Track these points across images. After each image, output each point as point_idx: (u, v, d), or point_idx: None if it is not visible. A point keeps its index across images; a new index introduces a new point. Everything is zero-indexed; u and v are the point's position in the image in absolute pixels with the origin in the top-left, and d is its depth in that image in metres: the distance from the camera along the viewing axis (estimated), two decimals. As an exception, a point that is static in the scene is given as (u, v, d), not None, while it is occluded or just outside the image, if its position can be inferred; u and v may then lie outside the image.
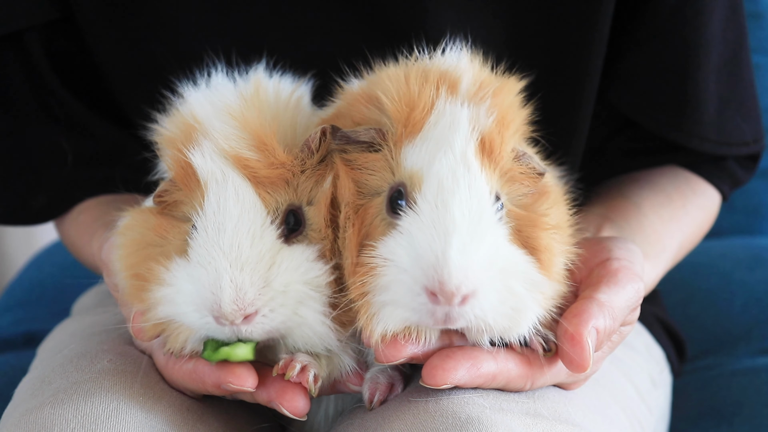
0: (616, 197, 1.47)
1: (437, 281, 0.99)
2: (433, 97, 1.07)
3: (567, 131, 1.42)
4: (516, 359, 1.07)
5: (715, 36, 1.41)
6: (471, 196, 1.02)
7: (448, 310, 1.00)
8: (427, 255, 1.00)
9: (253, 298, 1.04)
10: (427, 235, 1.00)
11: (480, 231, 1.01)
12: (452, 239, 0.99)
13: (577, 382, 1.15)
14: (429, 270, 0.99)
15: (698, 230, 1.51)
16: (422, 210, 1.02)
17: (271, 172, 1.08)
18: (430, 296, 1.00)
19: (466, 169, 1.03)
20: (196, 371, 1.09)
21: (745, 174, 1.54)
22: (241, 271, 1.04)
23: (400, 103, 1.07)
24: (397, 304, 1.02)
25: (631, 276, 1.12)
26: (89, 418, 1.08)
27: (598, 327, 1.06)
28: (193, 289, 1.05)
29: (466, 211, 1.01)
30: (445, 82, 1.08)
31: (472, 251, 1.00)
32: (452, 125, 1.05)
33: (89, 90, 1.48)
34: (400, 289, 1.01)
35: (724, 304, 1.92)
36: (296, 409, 1.06)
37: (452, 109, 1.06)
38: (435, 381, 1.03)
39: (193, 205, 1.08)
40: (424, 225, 1.01)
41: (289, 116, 1.14)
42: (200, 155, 1.08)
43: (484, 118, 1.06)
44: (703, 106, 1.42)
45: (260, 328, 1.05)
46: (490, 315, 1.02)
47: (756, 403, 1.66)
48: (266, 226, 1.07)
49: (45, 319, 1.89)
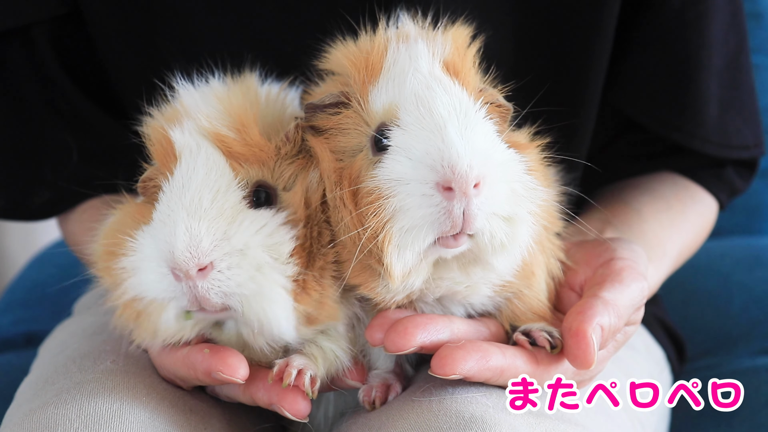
0: (616, 203, 1.47)
1: (447, 166, 0.98)
2: (385, 41, 1.08)
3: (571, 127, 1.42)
4: (524, 356, 1.08)
5: (717, 39, 1.42)
6: (452, 97, 1.02)
7: (466, 205, 0.98)
8: (431, 150, 0.99)
9: (208, 248, 1.03)
10: (422, 137, 1.00)
11: (471, 123, 1.01)
12: (449, 128, 0.99)
13: (582, 381, 1.15)
14: (436, 162, 0.99)
15: (696, 237, 1.52)
16: (408, 124, 1.02)
17: (245, 149, 1.08)
18: (444, 192, 0.99)
19: (437, 81, 1.04)
20: (188, 357, 1.09)
21: (743, 183, 1.55)
22: (199, 221, 1.03)
23: (355, 53, 1.08)
24: (413, 219, 1.00)
25: (636, 275, 1.12)
26: (92, 419, 1.08)
27: (602, 324, 1.06)
28: (152, 243, 1.05)
29: (451, 108, 1.01)
30: (394, 34, 1.10)
31: (470, 136, 1.00)
32: (412, 56, 1.06)
33: (95, 86, 1.48)
34: (414, 199, 1.00)
35: (724, 304, 1.92)
36: (298, 411, 1.06)
37: (407, 45, 1.07)
38: (444, 371, 1.03)
39: (167, 177, 1.08)
40: (415, 133, 1.01)
41: (275, 110, 1.15)
42: (179, 132, 1.09)
43: (441, 47, 1.07)
44: (705, 108, 1.43)
45: (217, 287, 1.03)
46: (502, 208, 1.01)
47: (755, 403, 1.66)
48: (232, 187, 1.06)
49: (45, 319, 1.89)
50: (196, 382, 1.12)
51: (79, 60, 1.47)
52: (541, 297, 1.13)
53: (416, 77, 1.04)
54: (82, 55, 1.47)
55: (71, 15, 1.44)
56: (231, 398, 1.14)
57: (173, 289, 1.05)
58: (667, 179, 1.52)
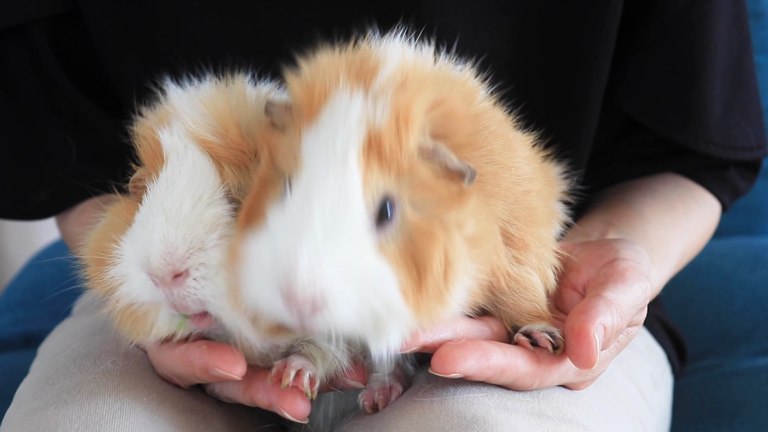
0: (619, 204, 1.47)
1: (287, 287, 0.93)
2: (331, 85, 1.00)
3: (574, 128, 1.42)
4: (525, 356, 1.07)
5: (721, 39, 1.42)
6: (338, 198, 0.95)
7: (303, 319, 0.94)
8: (282, 259, 0.93)
9: (183, 256, 1.02)
10: (283, 236, 0.94)
11: (339, 237, 0.94)
12: (303, 244, 0.93)
13: (584, 382, 1.15)
14: (281, 275, 0.94)
15: (699, 238, 1.52)
16: (288, 207, 0.96)
17: (229, 152, 1.07)
18: (285, 300, 0.94)
19: (341, 168, 0.96)
20: (186, 354, 1.09)
21: (746, 185, 1.55)
22: (177, 228, 1.03)
23: (303, 88, 1.01)
24: (263, 304, 0.97)
25: (639, 276, 1.12)
26: (93, 419, 1.07)
27: (605, 324, 1.05)
28: (132, 248, 1.05)
29: (328, 214, 0.94)
30: (361, 71, 1.02)
31: (324, 258, 0.93)
32: (342, 118, 0.98)
33: (95, 86, 1.48)
34: (263, 291, 0.96)
35: (725, 304, 1.92)
36: (297, 412, 1.06)
37: (345, 101, 0.99)
38: (444, 369, 1.03)
39: (153, 179, 1.08)
40: (284, 224, 0.95)
41: (258, 111, 1.13)
42: (168, 133, 1.08)
43: (379, 113, 0.98)
44: (708, 109, 1.43)
45: (193, 294, 1.03)
46: (346, 329, 0.96)
47: (756, 404, 1.66)
48: (216, 194, 1.06)
49: (45, 319, 1.89)
50: (193, 379, 1.12)
51: (79, 59, 1.47)
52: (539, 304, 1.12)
53: (326, 152, 0.96)
54: (81, 55, 1.47)
55: (70, 14, 1.44)
56: (231, 399, 1.14)
57: (155, 293, 1.05)
58: (670, 181, 1.51)
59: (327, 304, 0.94)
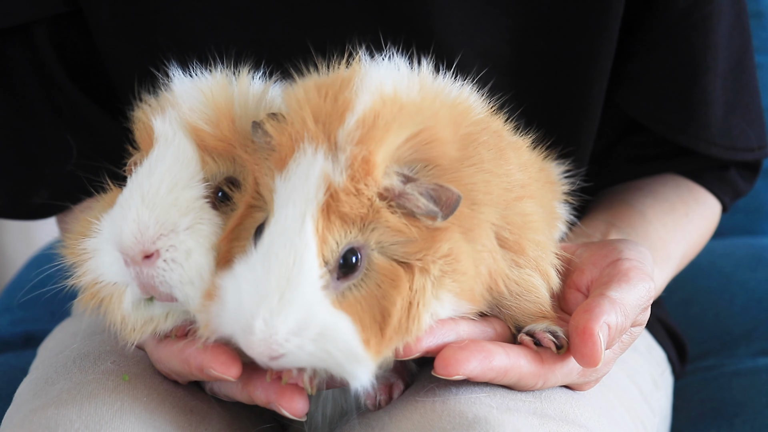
0: (620, 205, 1.47)
1: (245, 341, 0.99)
2: (297, 138, 1.01)
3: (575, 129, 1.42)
4: (528, 356, 1.07)
5: (723, 41, 1.42)
6: (293, 263, 0.98)
7: (266, 363, 1.00)
8: (241, 315, 0.99)
9: (154, 237, 1.05)
10: (246, 293, 0.99)
11: (293, 299, 0.97)
12: (260, 308, 0.97)
13: (588, 382, 1.15)
14: (240, 331, 0.99)
15: (700, 239, 1.52)
16: (252, 263, 1.00)
17: (217, 143, 1.10)
18: (246, 350, 1.00)
19: (298, 232, 0.98)
20: (183, 351, 1.09)
21: (746, 185, 1.55)
22: (151, 209, 1.06)
23: (277, 134, 1.03)
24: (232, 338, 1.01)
25: (642, 275, 1.12)
26: (93, 419, 1.07)
27: (609, 323, 1.05)
28: (107, 226, 1.08)
29: (284, 278, 0.98)
30: (330, 117, 1.02)
31: (278, 320, 0.97)
32: (303, 178, 1.00)
33: (96, 85, 1.48)
34: (230, 331, 1.01)
35: (725, 304, 1.92)
36: (296, 410, 1.06)
37: (308, 158, 1.00)
38: (447, 371, 1.02)
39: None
40: (246, 281, 0.99)
41: (259, 106, 1.15)
42: (161, 120, 1.11)
43: (339, 170, 0.99)
44: (710, 110, 1.43)
45: (161, 275, 1.05)
46: (309, 369, 1.01)
47: (757, 404, 1.65)
48: (194, 181, 1.08)
49: (44, 319, 1.88)
50: (191, 377, 1.12)
51: (80, 59, 1.47)
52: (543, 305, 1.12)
53: (287, 211, 0.99)
54: (82, 55, 1.47)
55: (72, 14, 1.44)
56: (229, 397, 1.14)
57: (124, 273, 1.07)
58: (671, 181, 1.52)
59: (284, 355, 0.98)
